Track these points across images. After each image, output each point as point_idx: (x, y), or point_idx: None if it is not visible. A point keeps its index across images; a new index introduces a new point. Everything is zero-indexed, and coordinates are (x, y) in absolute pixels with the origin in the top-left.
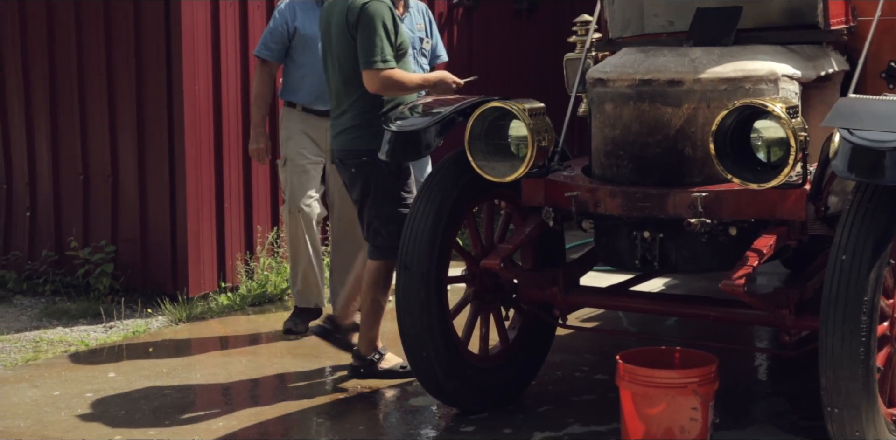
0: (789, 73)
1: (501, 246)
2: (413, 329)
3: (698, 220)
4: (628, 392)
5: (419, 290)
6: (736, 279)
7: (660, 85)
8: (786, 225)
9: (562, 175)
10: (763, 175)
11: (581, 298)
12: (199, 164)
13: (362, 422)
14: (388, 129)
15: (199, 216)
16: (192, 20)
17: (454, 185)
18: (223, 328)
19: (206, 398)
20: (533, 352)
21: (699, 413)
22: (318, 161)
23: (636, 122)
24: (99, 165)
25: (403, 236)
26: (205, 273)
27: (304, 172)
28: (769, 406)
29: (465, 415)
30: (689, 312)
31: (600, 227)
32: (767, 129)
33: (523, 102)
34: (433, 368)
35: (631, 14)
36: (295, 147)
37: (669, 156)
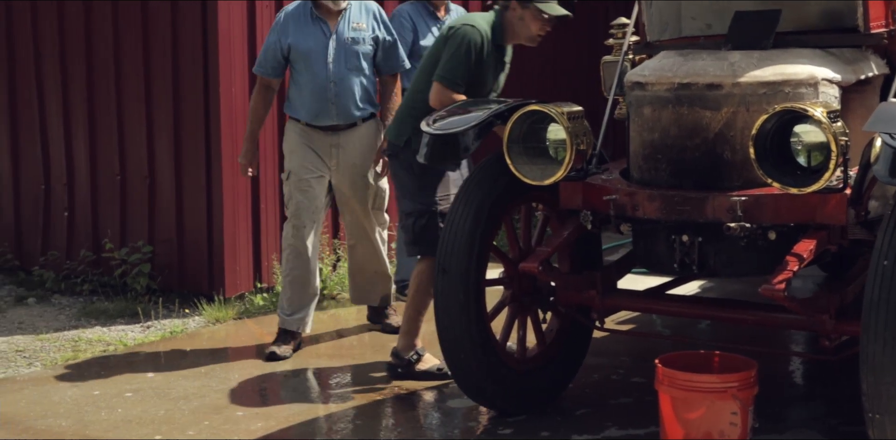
0: (829, 77)
1: (539, 249)
2: (451, 331)
3: (738, 225)
4: (667, 396)
5: (457, 293)
6: (776, 283)
7: (699, 88)
8: (826, 229)
9: (600, 178)
10: (803, 179)
11: (619, 301)
12: (235, 164)
13: (400, 423)
14: (426, 132)
15: (234, 216)
16: (229, 20)
17: (492, 188)
18: (259, 328)
19: (244, 398)
20: (570, 354)
21: (739, 417)
22: (322, 175)
23: (675, 125)
24: (136, 166)
25: (442, 239)
26: (241, 273)
27: (308, 187)
28: (807, 410)
29: (502, 418)
30: (727, 316)
31: (638, 231)
32: (808, 133)
33: (562, 106)
34: (471, 370)
35: (669, 17)
36: (298, 161)
37: (708, 159)
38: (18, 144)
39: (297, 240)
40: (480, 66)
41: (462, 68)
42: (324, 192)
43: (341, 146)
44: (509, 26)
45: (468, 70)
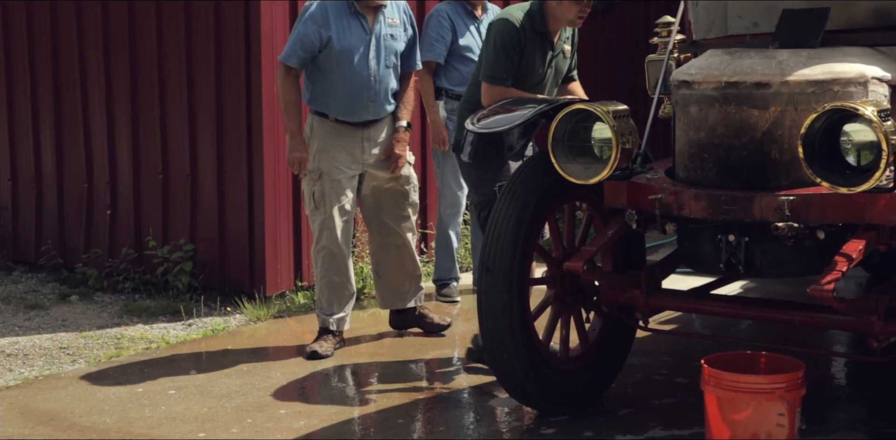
0: (879, 76)
1: (584, 248)
2: (495, 331)
3: (785, 224)
4: (713, 397)
5: (501, 292)
6: (825, 284)
7: (746, 87)
8: (875, 229)
9: (645, 177)
10: (852, 179)
11: (663, 301)
12: (276, 163)
13: (442, 422)
14: (470, 131)
15: (276, 215)
16: (271, 20)
17: (537, 187)
18: (300, 327)
19: (286, 396)
20: (613, 354)
21: (786, 418)
22: (354, 174)
23: (722, 124)
24: (178, 164)
25: (486, 238)
26: (281, 272)
27: (341, 187)
28: (854, 412)
29: (545, 417)
30: (775, 317)
31: (684, 231)
32: (858, 132)
33: (607, 104)
34: (514, 370)
35: (715, 15)
36: (330, 161)
37: (755, 159)
38: (62, 143)
39: (330, 241)
40: (522, 56)
41: (502, 62)
42: (354, 190)
43: (372, 139)
44: (549, 12)
45: (510, 62)
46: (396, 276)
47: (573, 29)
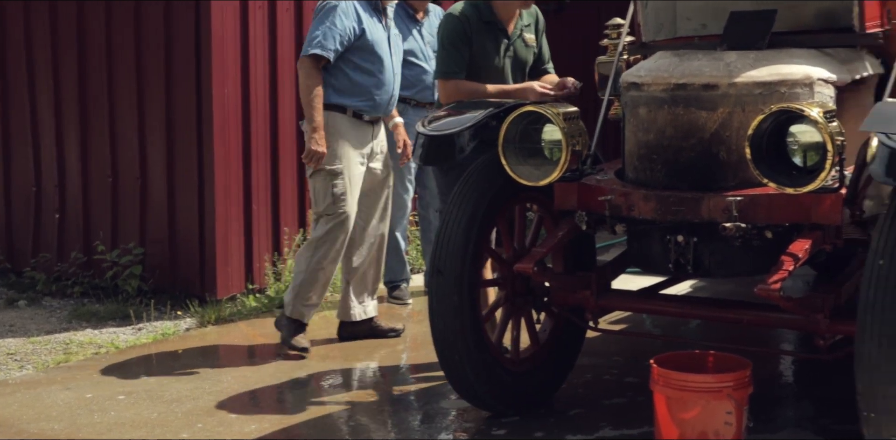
0: (825, 77)
1: (534, 249)
2: (445, 332)
3: (733, 225)
4: (662, 396)
5: (452, 294)
6: (772, 283)
7: (695, 89)
8: (821, 229)
9: (595, 179)
10: (799, 179)
11: (613, 302)
12: (227, 165)
13: (394, 425)
14: (421, 133)
15: (227, 218)
16: (222, 21)
17: (487, 189)
18: (252, 330)
19: (237, 401)
20: (563, 355)
21: (734, 417)
22: (363, 169)
23: (671, 126)
24: (128, 167)
25: (436, 240)
26: (233, 275)
27: (356, 184)
28: (800, 410)
29: (496, 418)
30: (723, 316)
31: (633, 231)
32: (804, 133)
33: (557, 106)
34: (465, 371)
35: (664, 17)
36: (351, 157)
37: (704, 160)
38: (10, 145)
39: (343, 233)
40: (470, 47)
41: (451, 56)
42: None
43: (376, 136)
44: (495, 3)
45: (459, 55)
46: (366, 278)
47: (535, 17)
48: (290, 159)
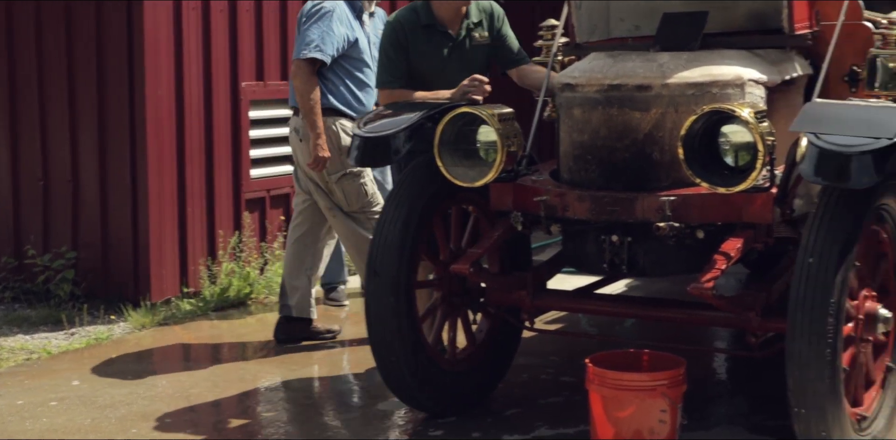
0: (755, 78)
1: (470, 250)
2: (382, 333)
3: (666, 224)
4: (598, 395)
5: (388, 295)
6: (704, 282)
7: (628, 90)
8: (752, 228)
9: (530, 180)
10: (731, 179)
11: (548, 302)
12: (161, 168)
13: (330, 427)
14: (356, 135)
15: (161, 221)
16: (155, 22)
17: (423, 191)
18: (187, 334)
19: (172, 405)
20: (500, 355)
21: (668, 415)
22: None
23: (604, 126)
24: (59, 170)
25: (372, 242)
26: (167, 278)
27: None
28: (734, 407)
29: (433, 419)
30: (657, 315)
31: (568, 232)
32: (735, 133)
33: (492, 107)
34: (402, 373)
35: (597, 18)
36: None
37: (637, 160)
38: None
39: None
40: (408, 53)
41: (385, 65)
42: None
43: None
44: (433, 3)
45: (393, 64)
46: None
47: (490, 12)
48: (225, 161)
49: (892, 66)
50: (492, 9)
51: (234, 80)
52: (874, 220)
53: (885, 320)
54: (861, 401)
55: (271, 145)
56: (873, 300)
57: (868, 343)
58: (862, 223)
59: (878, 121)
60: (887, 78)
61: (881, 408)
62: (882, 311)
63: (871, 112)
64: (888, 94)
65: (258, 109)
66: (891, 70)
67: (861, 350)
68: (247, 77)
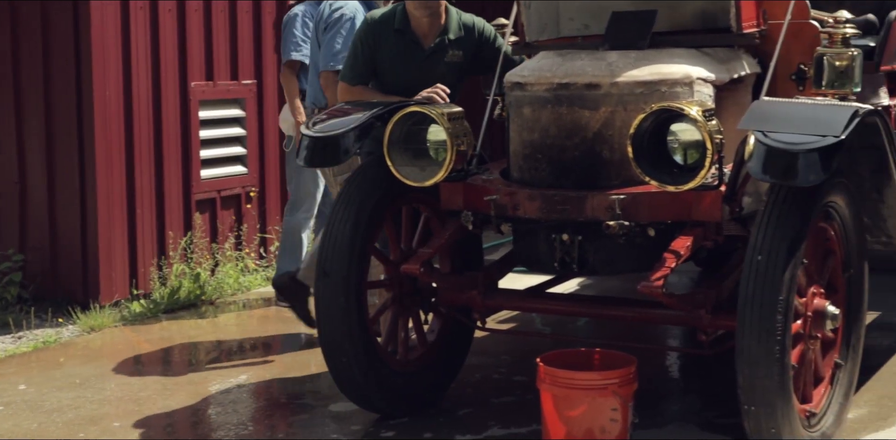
0: (704, 76)
1: (421, 250)
2: (333, 334)
3: (616, 223)
4: (549, 394)
5: (339, 296)
6: (654, 280)
7: (577, 88)
8: (702, 226)
9: (480, 179)
10: (680, 177)
11: (500, 301)
12: (109, 169)
13: (281, 429)
14: (305, 135)
15: (110, 222)
16: (102, 22)
17: (373, 190)
18: (136, 336)
19: (121, 408)
20: (452, 355)
21: (619, 413)
22: None
23: (554, 125)
24: (6, 171)
25: (322, 242)
26: (116, 280)
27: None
28: (685, 404)
29: (385, 420)
30: (607, 313)
31: (519, 231)
32: (684, 131)
33: (442, 107)
34: (353, 373)
35: (547, 17)
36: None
37: (587, 159)
38: None
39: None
40: (374, 52)
41: (354, 62)
42: None
43: None
44: (409, 11)
45: (356, 60)
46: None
47: (472, 30)
48: (174, 162)
49: (839, 65)
50: (482, 28)
51: (184, 81)
52: (822, 218)
53: (833, 317)
54: (810, 398)
55: (222, 146)
56: (821, 297)
57: (816, 340)
58: (810, 221)
59: (824, 119)
60: (834, 76)
61: (830, 404)
62: (830, 308)
63: (818, 110)
64: (835, 93)
65: (208, 109)
66: (837, 68)
67: (810, 347)
68: (196, 77)
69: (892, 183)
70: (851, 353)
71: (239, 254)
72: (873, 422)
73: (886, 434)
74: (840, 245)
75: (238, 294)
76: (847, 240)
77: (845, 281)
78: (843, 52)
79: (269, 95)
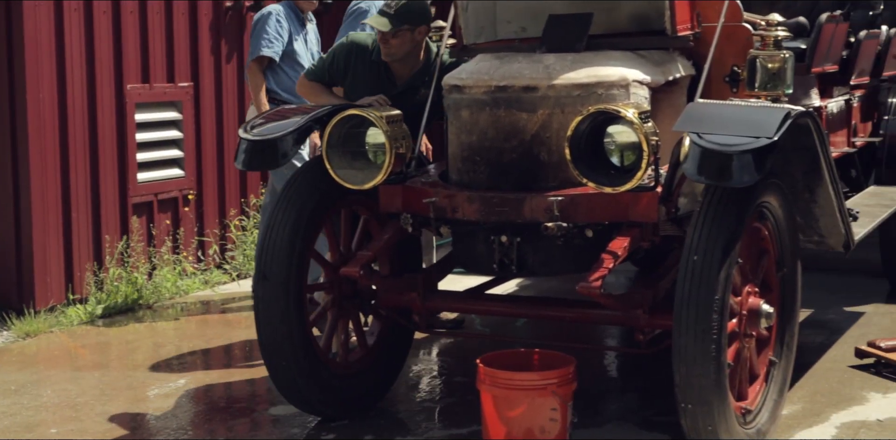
0: (640, 79)
1: (360, 253)
2: (272, 338)
3: (554, 224)
4: (489, 395)
5: (278, 299)
6: (592, 281)
7: (515, 91)
8: (639, 227)
9: (419, 181)
10: (617, 179)
11: (439, 303)
12: (44, 172)
13: (221, 433)
14: (243, 138)
15: (45, 226)
16: (35, 23)
17: (312, 193)
18: (73, 342)
19: (57, 415)
20: (392, 357)
21: (558, 413)
22: None
23: (492, 127)
24: None
25: (261, 245)
26: (52, 285)
27: None
28: (624, 403)
29: (326, 423)
30: (546, 314)
31: (458, 233)
32: (620, 133)
33: (380, 109)
34: (293, 377)
35: (484, 20)
36: None
37: (525, 161)
38: None
39: None
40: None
41: (320, 70)
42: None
43: None
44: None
45: (330, 74)
46: None
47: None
48: (110, 165)
49: (771, 67)
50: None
51: (119, 83)
52: (756, 218)
53: (768, 315)
54: (746, 395)
55: (158, 149)
56: (756, 296)
57: (752, 338)
58: (744, 221)
59: (758, 120)
60: (767, 78)
61: (765, 401)
62: (765, 307)
63: (752, 112)
64: (768, 94)
65: (144, 112)
66: (770, 70)
67: (745, 345)
68: (132, 79)
69: (823, 183)
70: (785, 351)
71: (177, 257)
72: (807, 418)
73: (820, 429)
74: (774, 244)
75: (176, 298)
76: (781, 240)
77: (779, 280)
78: (776, 55)
79: (206, 98)
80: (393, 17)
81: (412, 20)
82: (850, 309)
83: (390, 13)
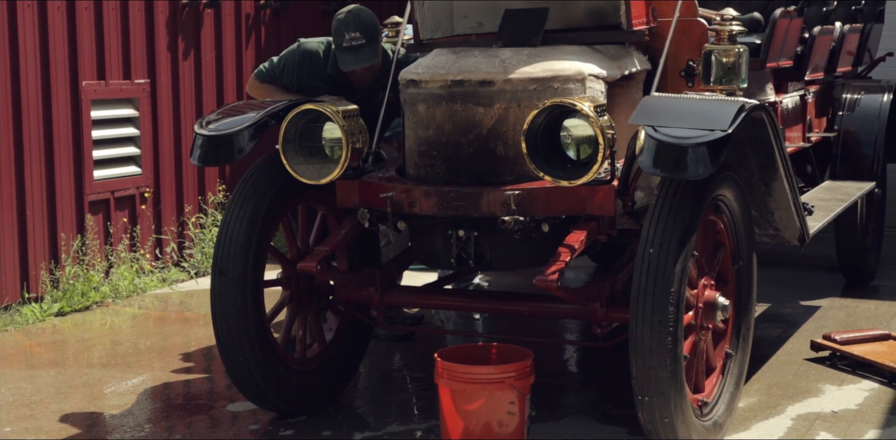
0: (595, 73)
1: (317, 248)
2: (229, 334)
3: (512, 218)
4: (447, 389)
5: (235, 295)
6: (549, 275)
7: (471, 85)
8: (595, 220)
9: (376, 176)
10: (573, 172)
11: (398, 298)
12: None
13: (179, 430)
14: (198, 134)
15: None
16: None
17: (269, 188)
18: (27, 340)
19: (12, 414)
20: (350, 352)
21: (517, 407)
22: None
23: (449, 122)
24: None
25: (218, 241)
26: (7, 283)
27: None
28: (582, 396)
29: (283, 419)
30: (504, 308)
31: (415, 227)
32: (576, 127)
33: (336, 104)
34: (250, 373)
35: (441, 15)
36: None
37: (482, 155)
38: None
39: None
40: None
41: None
42: None
43: None
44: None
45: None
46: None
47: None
48: (66, 163)
49: (726, 61)
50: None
51: (74, 80)
52: (711, 211)
53: (724, 308)
54: (702, 388)
55: (115, 146)
56: (712, 289)
57: (708, 330)
58: (699, 214)
59: (712, 113)
60: (721, 72)
61: (721, 393)
62: (720, 300)
63: (707, 105)
64: (722, 88)
65: (100, 109)
66: (725, 65)
67: (701, 337)
68: (87, 76)
69: (778, 176)
70: (742, 344)
71: (134, 255)
72: (763, 410)
73: (776, 421)
74: (729, 237)
75: (133, 296)
76: (736, 233)
77: (735, 272)
78: (730, 49)
79: (162, 95)
80: (368, 45)
81: (378, 35)
82: (806, 303)
83: (362, 43)
